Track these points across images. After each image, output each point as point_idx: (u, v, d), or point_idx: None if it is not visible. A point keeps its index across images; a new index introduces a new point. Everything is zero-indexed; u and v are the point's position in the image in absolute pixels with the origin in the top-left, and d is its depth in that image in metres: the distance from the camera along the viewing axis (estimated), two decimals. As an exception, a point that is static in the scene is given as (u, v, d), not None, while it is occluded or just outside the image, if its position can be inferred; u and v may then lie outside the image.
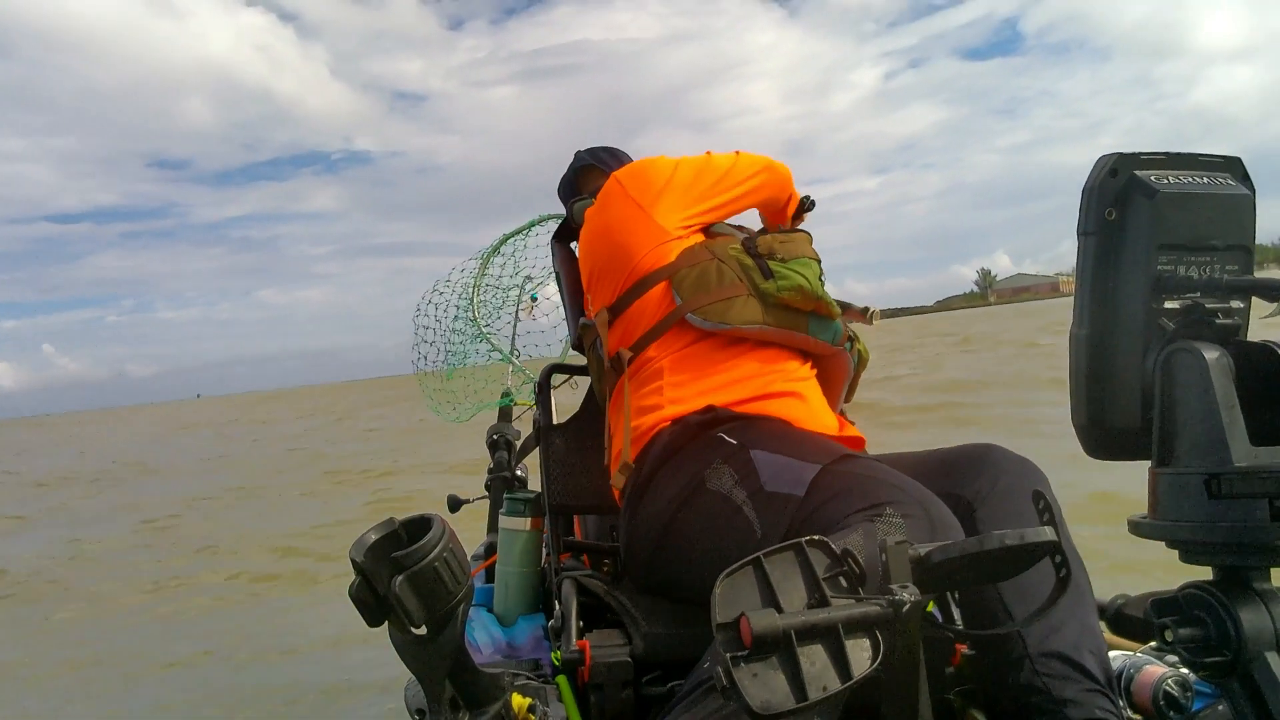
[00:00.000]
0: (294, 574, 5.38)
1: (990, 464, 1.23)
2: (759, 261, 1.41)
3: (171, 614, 4.77)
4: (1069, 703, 0.99)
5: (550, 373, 1.90)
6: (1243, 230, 0.73)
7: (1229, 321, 0.70)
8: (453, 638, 0.83)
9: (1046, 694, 1.01)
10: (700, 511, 1.22)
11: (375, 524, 0.82)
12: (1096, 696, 1.00)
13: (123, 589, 5.47)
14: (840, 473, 1.10)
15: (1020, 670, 1.03)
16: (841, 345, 1.48)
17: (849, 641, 0.63)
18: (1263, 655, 0.64)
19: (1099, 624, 1.09)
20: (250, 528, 7.26)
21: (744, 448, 1.20)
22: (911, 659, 0.68)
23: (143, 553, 6.74)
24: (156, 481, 12.38)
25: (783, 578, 0.67)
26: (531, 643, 1.54)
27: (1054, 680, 1.01)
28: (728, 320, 1.36)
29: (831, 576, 0.68)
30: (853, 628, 0.64)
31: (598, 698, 1.19)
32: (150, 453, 19.40)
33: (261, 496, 9.51)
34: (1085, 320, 0.73)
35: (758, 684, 0.60)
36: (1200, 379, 0.65)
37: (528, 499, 1.70)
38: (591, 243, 1.59)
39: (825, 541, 0.70)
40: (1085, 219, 0.72)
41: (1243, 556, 0.65)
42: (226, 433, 25.40)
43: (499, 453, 2.31)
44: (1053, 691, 1.00)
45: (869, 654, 0.63)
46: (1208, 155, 0.75)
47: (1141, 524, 0.70)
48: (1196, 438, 0.66)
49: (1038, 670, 1.02)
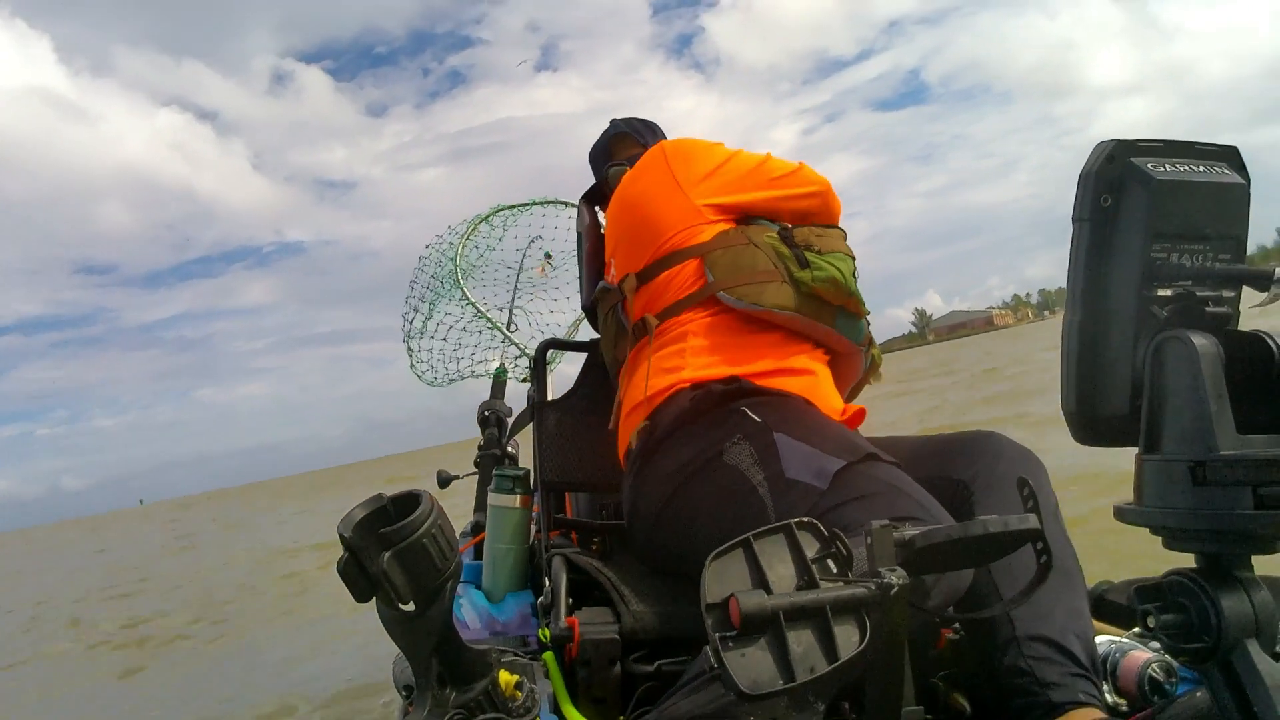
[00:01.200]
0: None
1: (989, 450, 1.24)
2: (795, 251, 1.41)
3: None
4: (1052, 685, 1.00)
5: (546, 348, 1.90)
6: (1236, 220, 0.73)
7: (1220, 310, 0.71)
8: (440, 614, 0.84)
9: (1031, 676, 1.02)
10: (713, 482, 1.21)
11: (363, 500, 0.82)
12: (1080, 680, 1.01)
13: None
14: (865, 474, 1.09)
15: (1006, 653, 1.04)
16: (862, 346, 1.48)
17: (836, 623, 0.64)
18: (1242, 642, 0.65)
19: (1088, 609, 1.10)
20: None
21: (767, 428, 1.19)
22: (896, 642, 0.69)
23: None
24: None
25: (772, 559, 0.67)
26: (519, 619, 1.55)
27: (1039, 663, 1.02)
28: (761, 302, 1.36)
29: (820, 559, 0.68)
30: (840, 610, 0.64)
31: (585, 674, 1.19)
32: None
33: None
34: (1077, 306, 0.73)
35: (746, 664, 0.61)
36: (1190, 367, 0.66)
37: (517, 475, 1.70)
38: (623, 208, 1.58)
39: (815, 524, 0.70)
40: (1080, 205, 0.72)
41: (1225, 544, 0.66)
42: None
43: (489, 429, 2.30)
44: (1037, 674, 1.02)
45: (856, 636, 0.64)
46: (1204, 144, 0.74)
47: (1127, 510, 0.71)
48: (1184, 425, 0.66)
49: (1024, 653, 1.03)
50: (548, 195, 2.55)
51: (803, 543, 0.68)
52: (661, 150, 1.54)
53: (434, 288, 2.55)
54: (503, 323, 2.52)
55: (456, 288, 2.47)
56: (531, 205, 2.55)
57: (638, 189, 1.54)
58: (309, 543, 10.94)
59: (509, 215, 2.58)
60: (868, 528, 0.70)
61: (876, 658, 0.69)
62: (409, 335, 2.60)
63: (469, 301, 2.48)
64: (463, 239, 2.51)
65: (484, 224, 2.54)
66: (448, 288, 2.53)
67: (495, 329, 2.50)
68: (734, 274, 1.39)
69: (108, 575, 12.70)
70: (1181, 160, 0.72)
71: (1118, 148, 0.71)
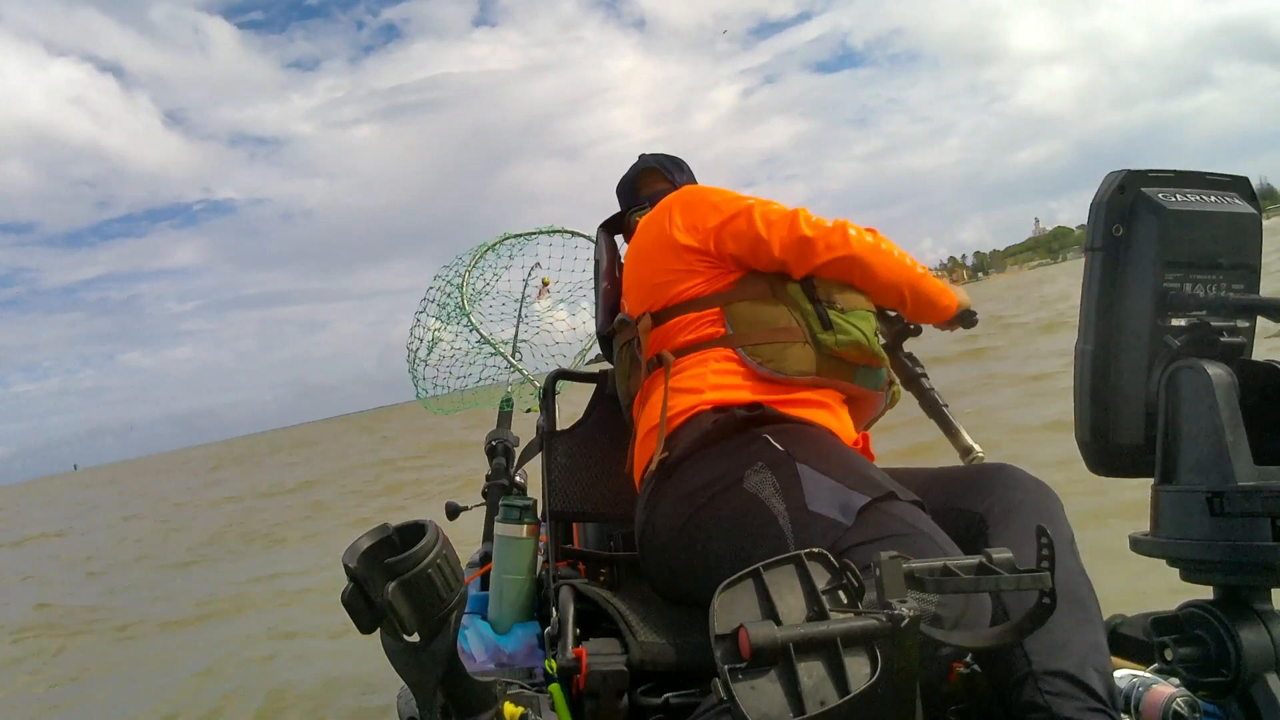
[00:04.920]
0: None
1: (1003, 482, 1.23)
2: (817, 308, 1.38)
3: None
4: None
5: (556, 378, 1.90)
6: (1249, 249, 0.73)
7: (1234, 340, 0.70)
8: (445, 645, 0.83)
9: (1047, 711, 1.00)
10: (731, 509, 1.19)
11: (369, 530, 0.81)
12: (1098, 715, 0.99)
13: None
14: (889, 514, 1.07)
15: (1023, 689, 1.02)
16: (882, 389, 1.46)
17: (847, 655, 0.63)
18: (1262, 676, 0.64)
19: (1105, 642, 1.08)
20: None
21: (790, 459, 1.17)
22: (908, 675, 0.68)
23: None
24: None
25: (782, 590, 0.66)
26: (525, 651, 1.53)
27: (1056, 698, 1.00)
28: (783, 369, 1.34)
29: (831, 590, 0.68)
30: (851, 642, 0.63)
31: (592, 706, 1.18)
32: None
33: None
34: (1090, 336, 0.72)
35: (756, 696, 0.60)
36: (1205, 397, 0.65)
37: (525, 505, 1.69)
38: (640, 254, 1.56)
39: (825, 554, 0.70)
40: (1093, 235, 0.72)
41: (1243, 575, 0.65)
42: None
43: (497, 459, 2.30)
44: (1054, 710, 1.00)
45: (867, 669, 0.63)
46: (1214, 174, 0.75)
47: (1142, 541, 0.70)
48: (1200, 456, 0.66)
49: (1040, 688, 1.01)
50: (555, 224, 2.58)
51: (813, 574, 0.68)
52: (675, 202, 1.52)
53: (440, 315, 2.57)
54: (508, 351, 2.53)
55: (462, 315, 2.49)
56: (538, 234, 2.57)
57: (652, 237, 1.52)
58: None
59: (515, 244, 2.60)
60: (877, 559, 0.69)
61: (888, 691, 0.68)
62: (414, 362, 2.62)
63: (474, 328, 2.49)
64: (468, 267, 2.53)
65: (490, 253, 2.57)
66: (454, 316, 2.54)
67: (500, 356, 2.52)
68: (753, 329, 1.38)
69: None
70: (1192, 190, 0.72)
71: (1128, 178, 0.71)
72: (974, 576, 0.72)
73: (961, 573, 0.72)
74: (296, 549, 7.68)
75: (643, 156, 1.86)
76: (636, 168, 1.85)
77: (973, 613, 0.96)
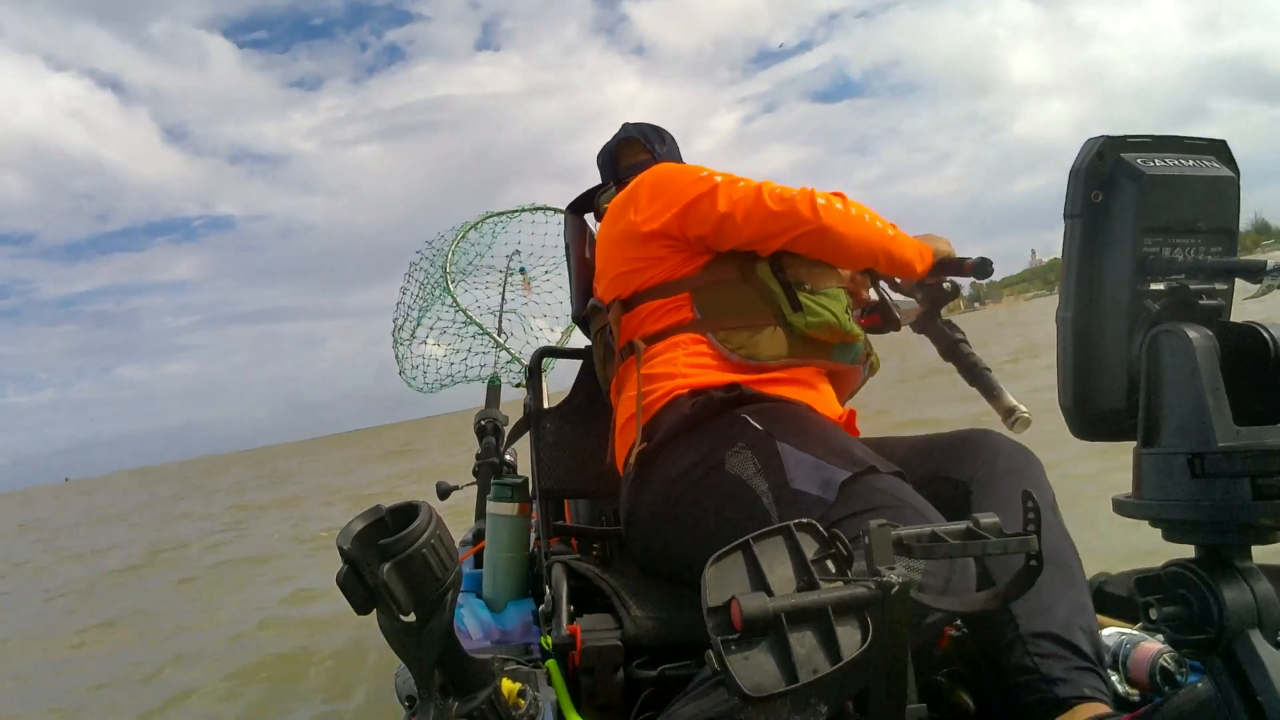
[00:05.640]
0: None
1: (986, 448, 1.24)
2: (787, 291, 1.37)
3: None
4: (1058, 681, 1.00)
5: (541, 356, 1.90)
6: (1227, 212, 0.73)
7: (1213, 303, 0.71)
8: (441, 624, 0.83)
9: (1036, 673, 1.02)
10: (714, 491, 1.19)
11: (362, 512, 0.82)
12: (1086, 674, 1.01)
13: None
14: (871, 487, 1.07)
15: (1012, 651, 1.04)
16: (860, 363, 1.46)
17: (838, 624, 0.64)
18: (1245, 632, 0.65)
19: (1090, 602, 1.10)
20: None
21: (770, 437, 1.17)
22: (899, 640, 0.69)
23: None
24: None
25: (772, 561, 0.67)
26: (521, 628, 1.54)
27: (1044, 660, 1.02)
28: (756, 355, 1.34)
29: (820, 559, 0.68)
30: (842, 610, 0.64)
31: (588, 681, 1.19)
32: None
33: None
34: (1071, 303, 0.73)
35: (749, 667, 0.61)
36: (1185, 360, 0.66)
37: (515, 484, 1.70)
38: (608, 242, 1.55)
39: (814, 524, 0.70)
40: (1071, 202, 0.72)
41: (1225, 535, 0.66)
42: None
43: (487, 438, 2.31)
44: (1042, 670, 1.01)
45: (858, 636, 0.64)
46: (1193, 138, 0.75)
47: (1126, 503, 0.71)
48: (1181, 418, 0.67)
49: (1029, 650, 1.03)
50: (535, 203, 2.55)
51: (802, 544, 0.68)
52: (643, 184, 1.48)
53: (424, 295, 2.56)
54: (493, 329, 2.52)
55: (446, 294, 2.47)
56: (520, 212, 2.56)
57: (622, 223, 1.49)
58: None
59: (498, 222, 2.59)
60: (866, 527, 0.70)
61: (879, 657, 0.69)
62: (398, 341, 2.61)
63: (459, 308, 2.48)
64: (451, 246, 2.51)
65: (473, 231, 2.55)
66: (438, 295, 2.53)
67: (485, 335, 2.51)
68: (723, 314, 1.37)
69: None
70: (1171, 155, 0.72)
71: (1107, 144, 0.72)
72: (962, 542, 0.73)
73: (949, 538, 0.73)
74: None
75: (625, 126, 1.82)
76: (618, 137, 1.81)
77: (958, 579, 0.97)
